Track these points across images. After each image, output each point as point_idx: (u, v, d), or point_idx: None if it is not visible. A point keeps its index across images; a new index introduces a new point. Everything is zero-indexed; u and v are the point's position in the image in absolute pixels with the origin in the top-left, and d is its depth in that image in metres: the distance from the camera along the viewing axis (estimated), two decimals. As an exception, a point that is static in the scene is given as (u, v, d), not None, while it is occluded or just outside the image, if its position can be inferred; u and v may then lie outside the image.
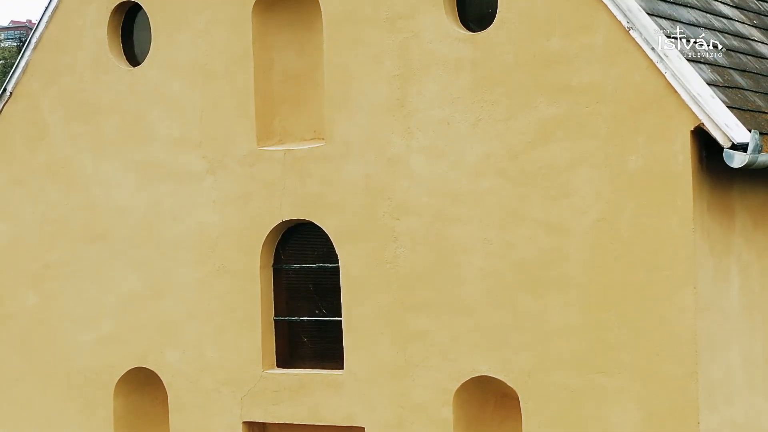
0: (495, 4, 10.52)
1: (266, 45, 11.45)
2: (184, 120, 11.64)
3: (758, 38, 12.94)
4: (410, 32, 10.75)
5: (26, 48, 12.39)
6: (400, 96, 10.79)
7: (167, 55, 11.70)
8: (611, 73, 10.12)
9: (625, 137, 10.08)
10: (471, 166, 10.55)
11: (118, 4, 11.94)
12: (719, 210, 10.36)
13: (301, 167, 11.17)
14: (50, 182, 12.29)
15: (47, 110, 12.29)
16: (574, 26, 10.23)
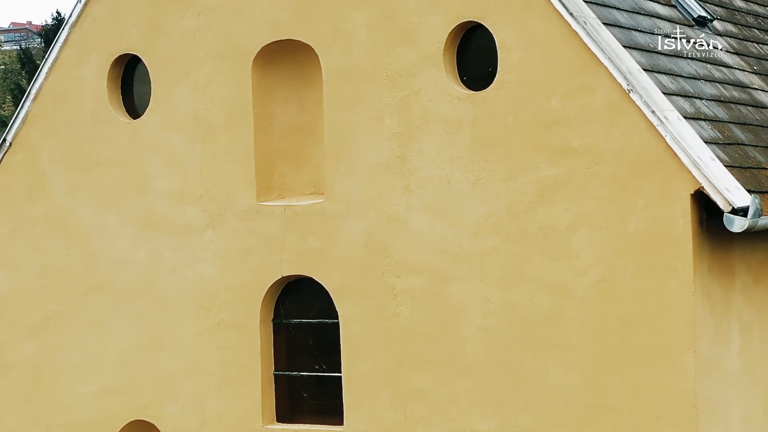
0: (495, 63, 10.52)
1: (266, 99, 11.46)
2: (184, 173, 11.64)
3: (758, 86, 12.95)
4: (410, 90, 10.75)
5: (26, 98, 12.40)
6: (400, 154, 10.79)
7: (167, 109, 11.70)
8: (611, 134, 10.12)
9: (625, 199, 10.08)
10: (471, 225, 10.55)
11: (118, 56, 11.92)
12: (720, 270, 10.35)
13: (301, 223, 11.17)
14: (50, 233, 12.29)
15: (47, 161, 12.29)
16: (574, 87, 10.22)
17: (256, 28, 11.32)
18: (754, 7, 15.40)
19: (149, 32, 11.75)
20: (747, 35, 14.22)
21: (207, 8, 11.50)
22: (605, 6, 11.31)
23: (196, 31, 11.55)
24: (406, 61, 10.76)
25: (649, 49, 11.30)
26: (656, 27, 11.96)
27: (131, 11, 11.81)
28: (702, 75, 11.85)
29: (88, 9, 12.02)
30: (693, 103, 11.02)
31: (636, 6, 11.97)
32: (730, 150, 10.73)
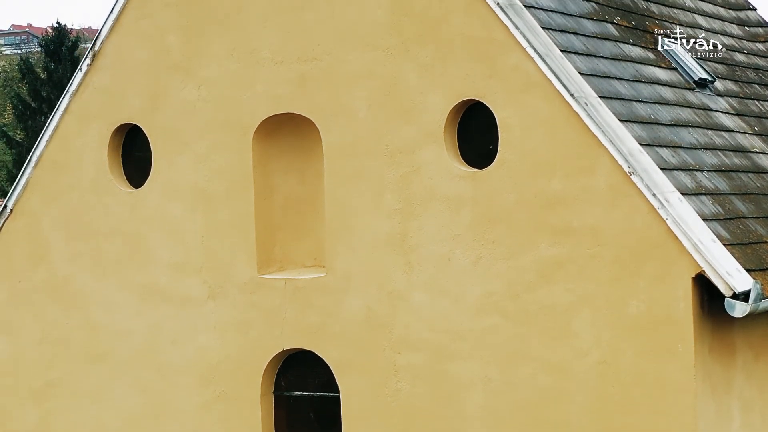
0: (496, 140, 10.51)
1: (267, 171, 11.46)
2: (184, 244, 11.64)
3: (759, 148, 12.95)
4: (411, 167, 10.75)
5: (27, 165, 12.40)
6: (401, 230, 10.79)
7: (168, 179, 11.70)
8: (612, 216, 10.12)
9: (626, 281, 10.08)
10: (472, 303, 10.55)
11: (118, 126, 11.92)
12: (721, 350, 10.35)
13: (302, 297, 11.17)
14: (51, 300, 12.29)
15: (48, 228, 12.29)
16: (575, 168, 10.23)
17: (257, 101, 11.32)
18: (755, 60, 15.39)
19: (150, 103, 11.75)
20: (748, 92, 14.22)
21: (207, 80, 11.50)
22: (606, 77, 11.33)
23: (197, 103, 11.55)
24: (406, 137, 10.76)
25: (650, 120, 11.30)
26: (657, 95, 11.96)
27: (132, 81, 11.81)
28: (703, 143, 11.85)
29: (89, 78, 12.02)
30: (694, 176, 11.02)
31: (637, 74, 11.97)
32: (731, 225, 10.73)
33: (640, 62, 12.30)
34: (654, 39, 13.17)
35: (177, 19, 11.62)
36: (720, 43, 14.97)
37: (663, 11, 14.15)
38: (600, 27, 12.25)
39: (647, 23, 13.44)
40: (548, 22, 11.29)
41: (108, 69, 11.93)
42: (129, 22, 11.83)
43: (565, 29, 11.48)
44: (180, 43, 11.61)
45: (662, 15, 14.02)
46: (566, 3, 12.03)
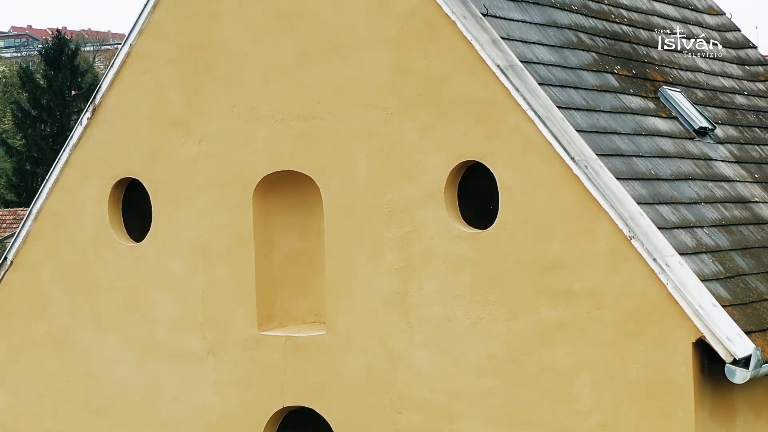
0: (496, 201, 10.51)
1: (267, 227, 11.46)
2: (184, 300, 11.64)
3: (760, 197, 12.95)
4: (411, 227, 10.75)
5: (27, 217, 12.40)
6: (401, 290, 10.79)
7: (168, 234, 11.70)
8: (613, 279, 10.12)
9: (626, 345, 10.08)
10: (472, 364, 10.55)
11: (118, 180, 11.93)
12: (721, 412, 10.35)
13: (302, 355, 11.17)
14: (51, 353, 12.29)
15: (48, 281, 12.30)
16: (575, 231, 10.22)
17: (257, 157, 11.32)
18: (755, 101, 15.38)
19: (150, 157, 11.76)
20: (748, 137, 14.22)
21: (207, 136, 11.50)
22: (606, 133, 11.34)
23: (197, 158, 11.55)
24: (407, 197, 10.76)
25: (650, 176, 11.31)
26: (658, 147, 11.97)
27: (132, 136, 11.81)
28: (703, 197, 11.85)
29: (89, 131, 12.02)
30: (694, 234, 11.03)
31: (637, 126, 11.98)
32: (731, 285, 10.73)
33: (640, 113, 12.31)
34: (654, 87, 13.18)
35: (177, 75, 11.62)
36: (720, 84, 15.01)
37: (663, 56, 14.16)
38: (600, 78, 12.25)
39: (647, 70, 13.44)
40: (548, 77, 11.30)
41: (108, 123, 11.93)
42: (130, 77, 11.83)
43: (565, 84, 11.49)
44: (180, 98, 11.61)
45: (662, 60, 14.03)
46: (566, 56, 12.04)
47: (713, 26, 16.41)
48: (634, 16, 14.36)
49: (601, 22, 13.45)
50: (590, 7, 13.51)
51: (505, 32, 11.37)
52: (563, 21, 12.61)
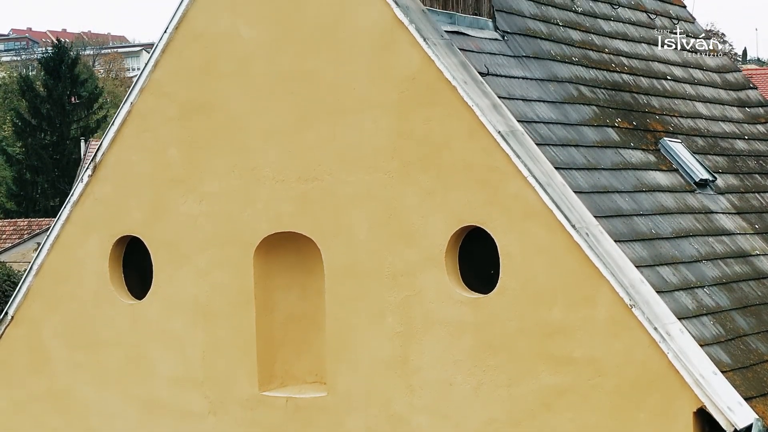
0: (497, 265, 10.52)
1: (268, 287, 11.46)
2: (185, 358, 11.65)
3: (760, 249, 12.96)
4: (412, 290, 10.75)
5: (28, 273, 12.40)
6: (402, 353, 10.80)
7: (169, 293, 11.71)
8: (614, 347, 10.12)
9: (627, 413, 10.08)
10: (473, 429, 10.55)
11: (119, 237, 11.93)
12: (722, 481, 10.36)
13: (303, 416, 11.17)
14: (51, 409, 12.30)
15: (49, 337, 12.30)
16: (576, 298, 10.23)
17: (258, 218, 11.32)
18: (756, 145, 15.40)
19: (151, 215, 11.76)
20: (749, 185, 14.23)
21: (208, 195, 11.51)
22: (607, 192, 11.36)
23: (198, 217, 11.56)
24: (407, 261, 10.76)
25: (651, 235, 11.32)
26: (658, 204, 11.98)
27: (133, 193, 11.81)
28: (704, 254, 11.86)
29: (90, 189, 12.02)
30: (695, 295, 11.04)
31: (638, 182, 11.99)
32: (732, 347, 10.75)
33: (640, 168, 12.32)
34: (655, 138, 13.20)
35: (178, 134, 11.63)
36: (721, 130, 15.02)
37: (664, 104, 14.18)
38: (601, 133, 12.27)
39: (648, 120, 13.46)
40: (549, 137, 11.32)
41: (109, 180, 11.93)
42: (130, 135, 11.84)
43: (566, 142, 11.51)
44: (181, 157, 11.62)
45: (663, 108, 14.04)
46: (567, 111, 12.06)
47: (713, 68, 16.44)
48: (634, 64, 14.38)
49: (601, 72, 13.47)
50: (591, 57, 13.53)
51: (506, 91, 11.39)
52: (564, 74, 12.62)
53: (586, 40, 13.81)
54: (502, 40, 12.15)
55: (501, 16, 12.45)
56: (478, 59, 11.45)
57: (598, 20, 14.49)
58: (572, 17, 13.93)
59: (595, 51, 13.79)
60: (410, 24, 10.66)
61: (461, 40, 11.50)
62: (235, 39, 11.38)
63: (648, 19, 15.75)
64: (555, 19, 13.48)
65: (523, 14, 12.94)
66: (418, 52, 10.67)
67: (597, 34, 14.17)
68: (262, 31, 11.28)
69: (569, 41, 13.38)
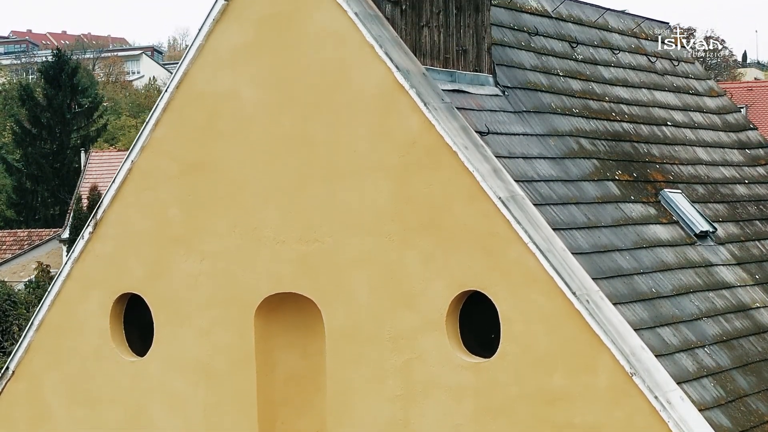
0: (498, 330, 10.52)
1: (269, 346, 11.47)
2: (186, 417, 11.65)
3: (761, 301, 12.98)
4: (413, 354, 10.76)
5: (29, 328, 12.41)
6: (403, 416, 10.80)
7: (170, 351, 11.71)
8: (614, 415, 10.13)
9: (628, 480, 10.10)
10: (475, 494, 10.56)
11: (120, 294, 11.94)
12: None
13: (303, 476, 11.20)
14: (52, 465, 12.31)
15: (49, 392, 12.31)
16: (577, 365, 10.23)
17: (259, 278, 11.33)
18: (756, 189, 15.41)
19: (152, 274, 11.77)
20: (749, 232, 14.24)
21: (209, 254, 11.51)
22: (607, 251, 11.37)
23: (199, 276, 11.56)
24: (408, 324, 10.77)
25: (652, 295, 11.34)
26: (659, 260, 11.99)
27: (134, 252, 11.82)
28: (704, 310, 11.88)
29: (91, 245, 12.03)
30: (695, 356, 11.06)
31: (638, 238, 12.00)
32: (732, 410, 10.76)
33: (641, 223, 12.34)
34: (655, 189, 13.21)
35: (179, 193, 11.64)
36: (721, 175, 15.03)
37: (664, 151, 14.19)
38: (601, 188, 12.28)
39: (648, 170, 13.47)
40: (549, 196, 11.33)
41: (110, 238, 11.94)
42: (131, 193, 11.84)
43: (567, 200, 11.52)
44: (182, 216, 11.63)
45: (663, 156, 14.06)
46: (567, 167, 12.08)
47: (714, 109, 16.46)
48: (634, 111, 14.39)
49: (602, 122, 13.48)
50: (591, 107, 13.54)
51: (507, 150, 11.41)
52: (564, 127, 12.64)
53: (587, 89, 13.83)
54: (502, 95, 12.17)
55: (501, 70, 12.47)
56: (478, 118, 11.47)
57: (598, 67, 14.51)
58: (572, 66, 13.95)
59: (596, 100, 13.80)
60: (411, 88, 10.67)
61: (462, 98, 11.52)
62: (236, 99, 11.39)
63: (648, 62, 15.77)
64: (555, 70, 13.50)
65: (524, 67, 12.96)
66: (418, 116, 10.67)
67: (597, 82, 14.19)
68: (262, 91, 11.29)
69: (569, 92, 13.40)
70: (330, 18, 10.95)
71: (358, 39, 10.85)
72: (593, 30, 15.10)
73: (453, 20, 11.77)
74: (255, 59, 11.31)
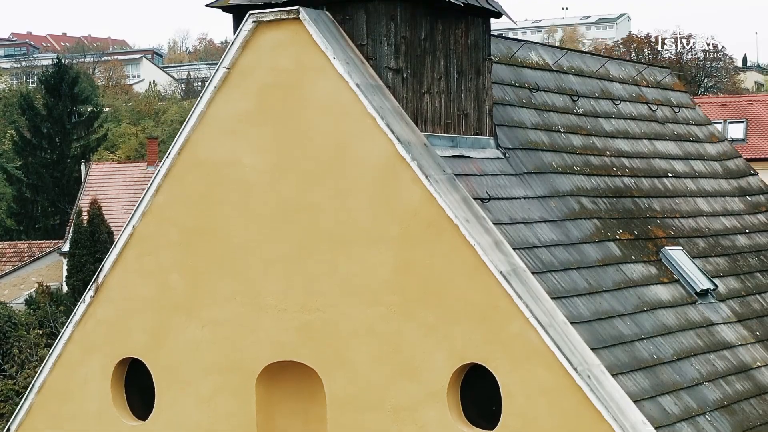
0: (499, 401, 10.52)
1: (271, 413, 11.47)
2: (188, 483, 11.66)
3: (762, 359, 13.02)
4: (414, 425, 10.76)
5: (30, 391, 12.39)
6: (405, 487, 10.81)
7: (171, 416, 11.71)
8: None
9: None
10: None
11: (121, 359, 11.94)
12: None
13: None
14: None
15: (52, 454, 12.31)
16: (578, 440, 10.25)
17: (260, 346, 11.32)
18: (756, 238, 15.42)
19: (153, 339, 11.76)
20: (750, 286, 14.26)
21: (211, 321, 11.51)
22: (608, 318, 11.38)
23: (200, 343, 11.56)
24: (410, 395, 10.76)
25: (652, 362, 11.35)
26: (660, 324, 12.00)
27: (135, 317, 11.81)
28: (705, 375, 11.89)
29: (92, 309, 12.02)
30: (696, 425, 11.09)
31: (639, 301, 12.02)
32: None
33: (642, 284, 12.35)
34: (656, 247, 13.22)
35: (180, 259, 11.63)
36: (722, 226, 15.04)
37: (665, 205, 14.20)
38: (602, 250, 12.28)
39: (649, 227, 13.48)
40: (550, 262, 11.34)
41: (111, 302, 11.93)
42: (132, 258, 11.84)
43: (568, 266, 11.53)
44: (183, 282, 11.62)
45: (664, 210, 14.06)
46: (568, 229, 12.08)
47: (714, 156, 16.47)
48: (636, 164, 14.40)
49: (602, 179, 13.49)
50: (592, 164, 13.55)
51: (508, 216, 11.41)
52: (565, 187, 12.64)
53: (588, 144, 13.83)
54: (503, 157, 12.17)
55: (502, 131, 12.47)
56: (480, 183, 11.47)
57: (599, 120, 14.51)
58: (574, 121, 13.95)
59: (597, 155, 13.81)
60: (412, 161, 10.67)
61: (463, 163, 11.53)
62: (237, 166, 11.39)
63: (649, 110, 15.78)
64: (557, 126, 13.50)
65: (525, 125, 12.96)
66: (419, 188, 10.68)
67: (598, 136, 14.20)
68: (264, 159, 11.29)
69: (571, 149, 13.40)
70: (332, 88, 10.94)
71: (359, 110, 10.85)
72: (594, 80, 15.10)
73: (454, 84, 11.78)
74: (256, 127, 11.31)
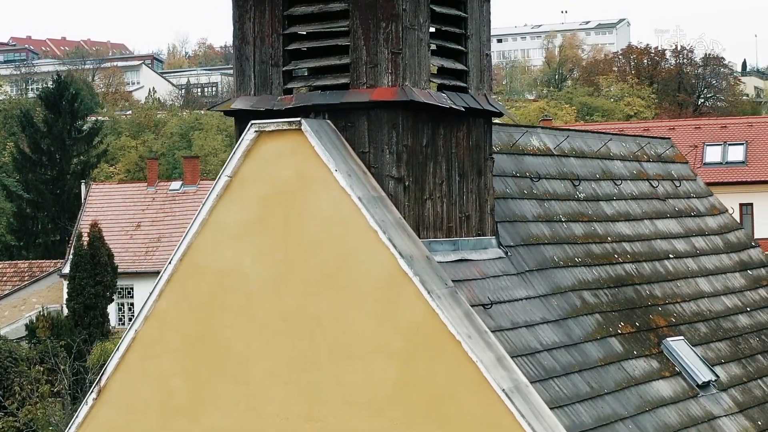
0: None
1: None
2: None
3: None
4: None
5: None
6: None
7: None
8: None
9: None
10: None
11: (124, 462, 11.97)
12: None
13: None
14: None
15: None
16: None
17: (263, 453, 11.35)
18: (758, 317, 15.45)
19: (157, 441, 11.78)
20: (751, 371, 14.28)
21: (213, 428, 11.45)
22: (610, 423, 11.40)
23: (204, 445, 11.57)
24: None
25: (654, 459, 11.41)
26: (662, 424, 12.02)
27: (136, 420, 11.77)
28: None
29: (94, 412, 12.01)
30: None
31: (641, 400, 12.06)
32: None
33: (643, 381, 12.37)
34: (658, 338, 13.25)
35: (182, 364, 11.63)
36: (723, 307, 15.07)
37: (666, 290, 14.23)
38: (604, 348, 12.31)
39: (651, 316, 13.51)
40: (552, 367, 11.36)
41: (113, 405, 11.93)
42: (134, 361, 11.84)
43: (569, 369, 11.56)
44: (186, 388, 11.62)
45: (665, 296, 14.09)
46: (570, 328, 12.11)
47: (715, 229, 16.50)
48: (637, 248, 14.43)
49: (604, 268, 13.52)
50: (593, 253, 13.58)
51: (510, 320, 11.44)
52: (566, 282, 12.67)
53: (589, 231, 13.86)
54: (505, 256, 12.19)
55: (504, 228, 12.49)
56: (481, 288, 11.49)
57: (600, 203, 14.54)
58: (575, 208, 13.97)
59: (598, 243, 13.83)
60: (414, 276, 10.68)
61: (465, 267, 11.55)
62: (239, 274, 11.39)
63: (650, 187, 15.80)
64: (558, 216, 13.52)
65: (526, 219, 12.98)
66: (422, 303, 10.69)
67: (600, 221, 14.22)
68: (266, 268, 11.29)
69: (572, 239, 13.42)
70: (333, 201, 10.96)
71: (361, 223, 10.86)
72: (596, 161, 15.13)
73: (456, 188, 11.79)
74: (258, 236, 11.32)
